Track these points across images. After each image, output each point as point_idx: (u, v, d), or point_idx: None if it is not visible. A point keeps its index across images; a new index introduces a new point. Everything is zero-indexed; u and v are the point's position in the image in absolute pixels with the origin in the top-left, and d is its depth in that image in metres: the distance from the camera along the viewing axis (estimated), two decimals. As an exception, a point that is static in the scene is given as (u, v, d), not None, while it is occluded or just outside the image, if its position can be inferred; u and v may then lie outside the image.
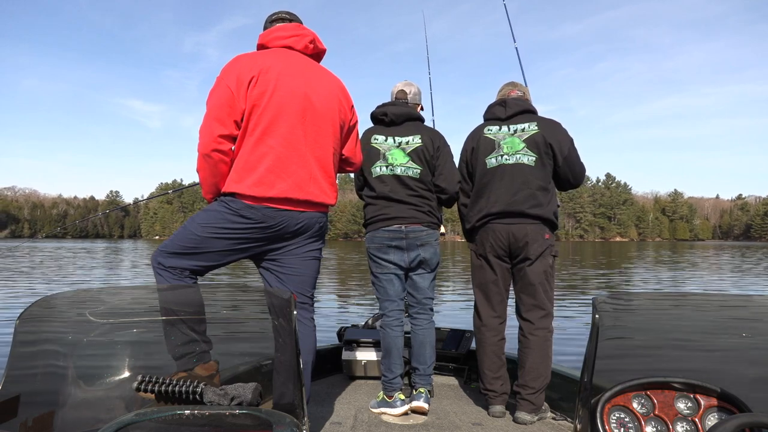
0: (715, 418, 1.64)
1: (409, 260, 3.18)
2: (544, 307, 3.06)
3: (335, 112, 2.55)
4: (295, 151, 2.40)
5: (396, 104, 3.33)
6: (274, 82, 2.35)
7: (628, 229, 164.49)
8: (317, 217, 2.51)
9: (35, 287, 13.89)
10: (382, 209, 3.19)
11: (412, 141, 3.22)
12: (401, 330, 3.21)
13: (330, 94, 2.54)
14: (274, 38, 2.52)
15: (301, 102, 2.41)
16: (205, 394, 1.53)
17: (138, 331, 1.73)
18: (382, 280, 3.22)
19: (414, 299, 3.26)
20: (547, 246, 3.07)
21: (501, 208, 3.09)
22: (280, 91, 2.36)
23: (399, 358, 3.17)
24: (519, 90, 3.36)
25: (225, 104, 2.31)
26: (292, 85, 2.40)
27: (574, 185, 3.22)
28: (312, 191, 2.44)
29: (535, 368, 2.98)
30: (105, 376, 1.64)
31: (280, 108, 2.36)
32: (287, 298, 1.60)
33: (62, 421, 1.52)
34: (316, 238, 2.55)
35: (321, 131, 2.49)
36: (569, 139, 3.14)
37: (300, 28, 2.57)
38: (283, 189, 2.36)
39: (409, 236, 3.14)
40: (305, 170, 2.42)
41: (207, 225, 2.32)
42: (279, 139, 2.36)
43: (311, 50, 2.59)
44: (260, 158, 2.34)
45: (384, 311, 3.24)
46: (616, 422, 1.66)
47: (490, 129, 3.23)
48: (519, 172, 3.09)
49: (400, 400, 3.11)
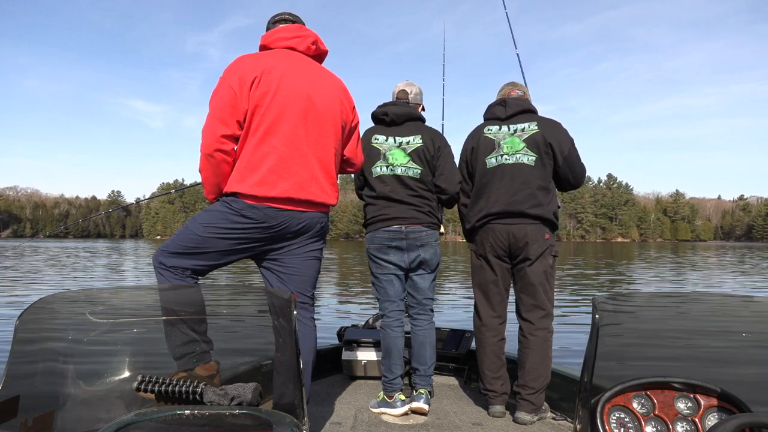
0: (715, 418, 1.64)
1: (409, 261, 3.18)
2: (544, 308, 3.06)
3: (337, 113, 2.56)
4: (297, 151, 2.41)
5: (397, 104, 3.32)
6: (276, 82, 2.37)
7: (630, 229, 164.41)
8: (318, 217, 2.52)
9: (35, 287, 13.89)
10: (382, 209, 3.19)
11: (413, 141, 3.21)
12: (401, 330, 3.21)
13: (332, 94, 2.55)
14: (276, 39, 2.54)
15: (303, 102, 2.42)
16: (205, 394, 1.53)
17: (138, 331, 1.73)
18: (382, 280, 3.22)
19: (414, 299, 3.26)
20: (547, 246, 3.07)
21: (501, 208, 3.09)
22: (282, 91, 2.37)
23: (399, 358, 3.17)
24: (519, 90, 3.36)
25: (228, 104, 2.32)
26: (295, 85, 2.41)
27: (575, 186, 3.21)
28: (313, 191, 2.45)
29: (535, 368, 2.98)
30: (105, 376, 1.64)
31: (283, 108, 2.37)
32: (287, 298, 1.60)
33: (62, 421, 1.52)
34: (317, 238, 2.56)
35: (323, 132, 2.50)
36: (569, 139, 3.14)
37: (302, 29, 2.58)
38: (285, 189, 2.36)
39: (409, 236, 3.14)
40: (307, 170, 2.43)
41: (209, 225, 2.33)
42: (281, 139, 2.37)
43: (313, 51, 2.60)
44: (262, 158, 2.35)
45: (384, 312, 3.24)
46: (616, 422, 1.66)
47: (490, 129, 3.23)
48: (519, 172, 3.09)
49: (400, 400, 3.11)
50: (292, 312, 1.58)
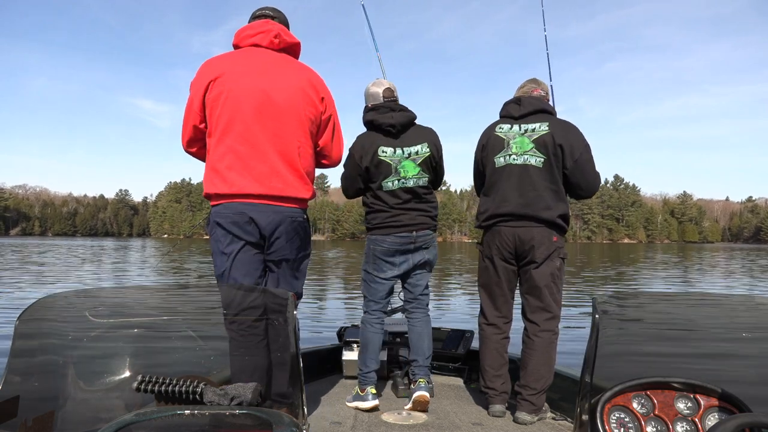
0: (715, 418, 1.64)
1: (414, 262, 3.28)
2: (550, 310, 3.04)
3: (299, 105, 2.60)
4: (253, 147, 2.50)
5: (394, 108, 3.25)
6: (229, 83, 2.50)
7: (637, 230, 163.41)
8: (289, 212, 2.58)
9: (36, 286, 13.92)
10: (395, 217, 3.22)
11: (421, 151, 3.23)
12: (380, 328, 3.33)
13: (292, 87, 2.59)
14: (243, 38, 2.66)
15: (257, 98, 2.51)
16: (205, 394, 1.53)
17: (138, 331, 1.74)
18: (376, 282, 3.30)
19: (411, 295, 3.38)
20: (555, 249, 3.04)
21: (507, 210, 3.07)
22: (234, 91, 2.49)
23: (375, 353, 3.29)
24: (542, 89, 3.27)
25: (187, 110, 2.58)
26: (248, 83, 2.51)
27: (587, 194, 3.11)
28: (275, 185, 2.52)
29: (537, 369, 2.97)
30: (105, 376, 1.65)
31: (235, 107, 2.49)
32: (286, 298, 1.60)
33: (62, 421, 1.53)
34: (293, 235, 2.62)
35: (283, 125, 2.56)
36: (583, 144, 3.06)
37: (266, 24, 2.67)
38: (244, 185, 2.48)
39: (417, 240, 3.24)
40: (265, 165, 2.52)
41: (217, 253, 2.56)
42: (236, 137, 2.50)
43: (277, 45, 2.66)
44: (221, 158, 2.51)
45: (367, 309, 3.35)
46: (616, 422, 1.66)
47: (502, 127, 3.19)
48: (526, 173, 3.05)
49: (371, 394, 3.19)
50: (292, 312, 1.59)
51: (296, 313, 1.60)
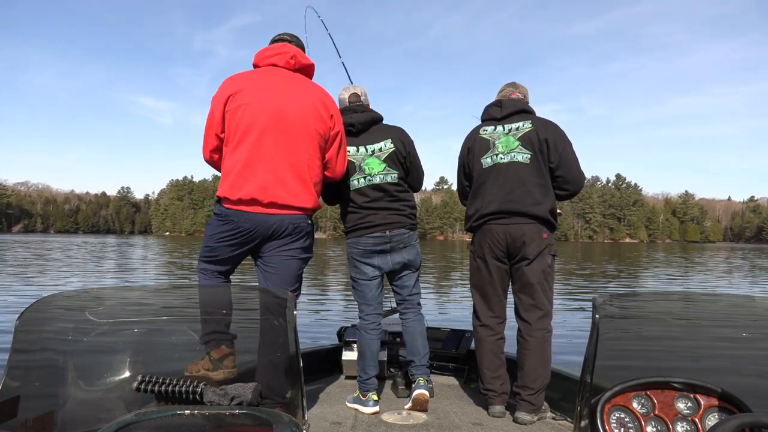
0: (715, 418, 1.63)
1: (392, 263, 3.28)
2: (542, 307, 3.05)
3: (310, 120, 2.81)
4: (263, 157, 2.71)
5: (356, 110, 3.31)
6: (248, 97, 2.73)
7: (638, 230, 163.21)
8: (290, 219, 2.75)
9: (36, 287, 13.93)
10: (365, 217, 3.25)
11: (385, 147, 3.26)
12: (377, 333, 3.32)
13: (305, 103, 2.82)
14: (262, 58, 2.92)
15: (272, 112, 2.73)
16: (205, 394, 1.54)
17: (138, 331, 1.75)
18: (362, 284, 3.32)
19: (400, 296, 3.39)
20: (546, 245, 3.07)
21: (496, 207, 3.10)
22: (252, 104, 2.72)
23: (373, 360, 3.28)
24: (520, 92, 3.35)
25: (208, 121, 2.80)
26: (265, 98, 2.74)
27: (573, 187, 3.17)
28: (279, 194, 2.71)
29: (534, 369, 2.98)
30: (105, 376, 1.65)
31: (251, 119, 2.71)
32: (286, 297, 1.61)
33: (62, 421, 1.53)
34: (294, 239, 2.80)
35: (295, 138, 2.77)
36: (566, 140, 3.13)
37: (284, 47, 2.93)
38: (250, 191, 2.67)
39: (393, 240, 3.24)
40: (272, 174, 2.71)
41: (212, 235, 2.79)
42: (249, 146, 2.71)
43: (293, 66, 2.91)
44: (233, 165, 2.72)
45: (361, 314, 3.35)
46: (616, 422, 1.66)
47: (486, 129, 3.25)
48: (514, 170, 3.09)
49: (372, 400, 3.19)
50: (292, 311, 1.59)
51: (296, 312, 1.60)
